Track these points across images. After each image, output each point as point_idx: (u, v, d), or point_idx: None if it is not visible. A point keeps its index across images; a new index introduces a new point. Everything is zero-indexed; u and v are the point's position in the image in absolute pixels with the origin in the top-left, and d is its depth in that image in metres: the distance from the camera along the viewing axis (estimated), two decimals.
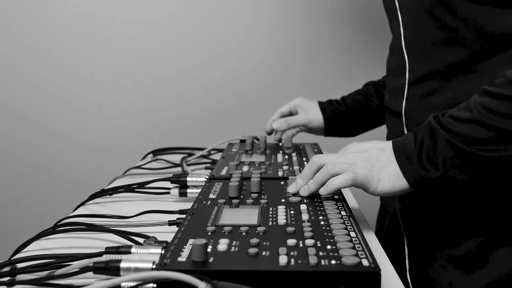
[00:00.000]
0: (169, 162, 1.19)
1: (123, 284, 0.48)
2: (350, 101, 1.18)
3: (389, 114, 0.96)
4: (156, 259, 0.50)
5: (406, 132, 0.87)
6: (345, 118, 1.17)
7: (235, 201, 0.70)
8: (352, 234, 0.56)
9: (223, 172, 0.89)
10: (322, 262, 0.49)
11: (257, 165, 0.95)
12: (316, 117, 1.17)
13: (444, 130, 0.68)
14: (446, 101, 0.80)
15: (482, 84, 0.70)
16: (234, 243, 0.54)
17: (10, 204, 1.78)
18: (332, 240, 0.54)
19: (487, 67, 0.76)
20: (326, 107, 1.18)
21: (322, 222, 0.61)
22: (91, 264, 0.51)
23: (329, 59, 1.72)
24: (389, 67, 0.98)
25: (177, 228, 0.60)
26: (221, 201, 0.70)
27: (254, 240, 0.53)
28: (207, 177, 0.86)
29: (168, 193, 0.87)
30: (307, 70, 1.73)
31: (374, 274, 0.47)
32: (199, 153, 1.24)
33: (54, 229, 0.69)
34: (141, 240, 0.62)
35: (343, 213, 0.64)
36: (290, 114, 1.21)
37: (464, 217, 0.79)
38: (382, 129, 1.09)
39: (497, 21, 0.74)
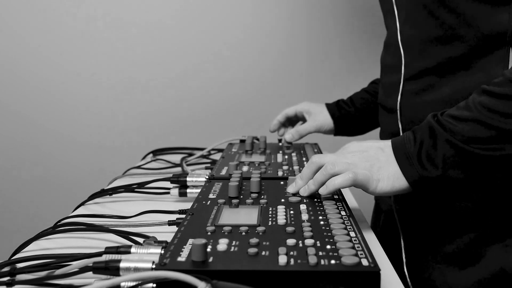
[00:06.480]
0: (169, 162, 1.19)
1: (122, 284, 0.48)
2: (358, 100, 1.18)
3: (383, 110, 0.96)
4: (156, 259, 0.50)
5: (400, 128, 0.87)
6: (354, 118, 1.18)
7: (235, 201, 0.70)
8: (352, 234, 0.56)
9: (223, 172, 0.89)
10: (322, 262, 0.49)
11: (257, 165, 0.95)
12: (326, 122, 1.18)
13: (443, 129, 0.68)
14: (442, 97, 0.80)
15: (477, 80, 0.70)
16: (233, 243, 0.54)
17: (10, 204, 1.78)
18: (331, 240, 0.54)
19: (483, 63, 0.77)
20: (334, 110, 1.19)
21: (321, 222, 0.61)
22: (91, 264, 0.51)
23: (330, 59, 1.72)
24: (384, 63, 0.98)
25: (177, 228, 0.60)
26: (221, 201, 0.70)
27: (253, 240, 0.53)
28: (207, 177, 0.86)
29: (168, 193, 0.87)
30: (307, 69, 1.73)
31: (373, 274, 0.47)
32: (199, 153, 1.24)
33: (54, 229, 0.69)
34: (141, 240, 0.62)
35: (343, 213, 0.64)
36: (296, 117, 1.22)
37: (458, 213, 0.80)
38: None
39: (493, 19, 0.74)
